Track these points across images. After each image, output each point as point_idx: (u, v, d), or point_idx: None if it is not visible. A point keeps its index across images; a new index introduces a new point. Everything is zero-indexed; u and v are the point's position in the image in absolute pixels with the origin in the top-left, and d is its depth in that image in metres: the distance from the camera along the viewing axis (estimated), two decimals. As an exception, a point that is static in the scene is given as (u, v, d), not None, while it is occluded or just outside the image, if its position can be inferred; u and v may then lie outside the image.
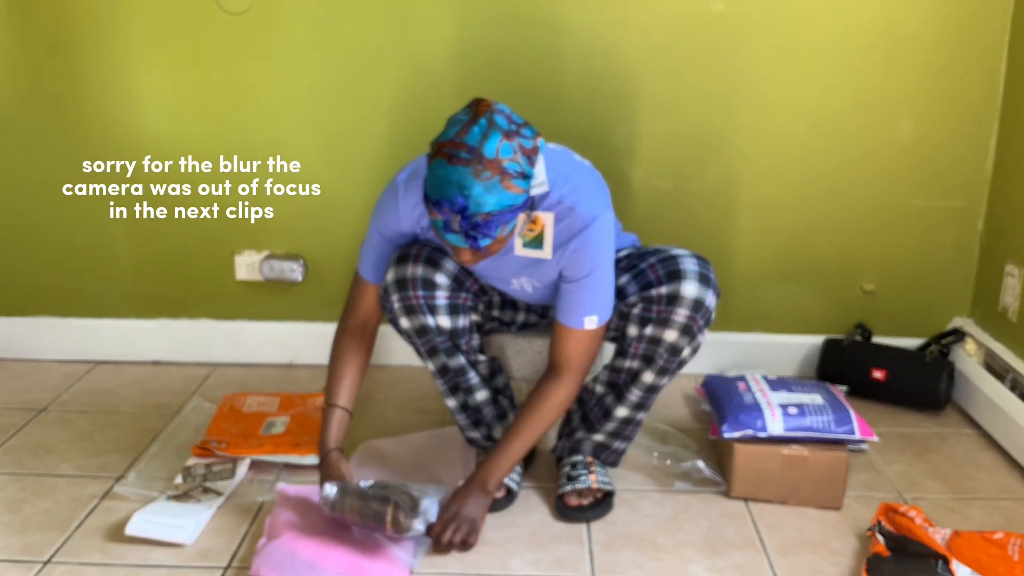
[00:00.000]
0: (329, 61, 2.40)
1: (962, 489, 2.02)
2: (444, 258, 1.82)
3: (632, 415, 1.92)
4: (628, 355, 1.87)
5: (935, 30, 2.34)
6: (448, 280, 1.81)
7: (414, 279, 1.79)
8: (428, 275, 1.79)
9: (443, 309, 1.82)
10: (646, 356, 1.84)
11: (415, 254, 1.80)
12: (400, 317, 1.83)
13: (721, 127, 2.42)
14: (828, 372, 2.50)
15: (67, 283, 2.60)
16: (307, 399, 2.30)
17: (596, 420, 1.95)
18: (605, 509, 1.89)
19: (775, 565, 1.74)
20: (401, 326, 1.84)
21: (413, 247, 1.82)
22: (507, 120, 1.54)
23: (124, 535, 1.76)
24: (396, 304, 1.81)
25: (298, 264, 2.53)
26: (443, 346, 1.86)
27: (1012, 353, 2.28)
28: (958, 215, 2.48)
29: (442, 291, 1.81)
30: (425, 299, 1.80)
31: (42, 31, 2.40)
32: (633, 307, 1.81)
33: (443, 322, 1.83)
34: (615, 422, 1.93)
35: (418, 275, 1.79)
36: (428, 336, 1.84)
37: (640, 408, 1.91)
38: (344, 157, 2.47)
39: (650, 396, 1.89)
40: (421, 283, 1.79)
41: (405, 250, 1.82)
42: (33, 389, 2.45)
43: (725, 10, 2.34)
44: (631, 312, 1.82)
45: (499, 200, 1.53)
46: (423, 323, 1.82)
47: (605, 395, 1.94)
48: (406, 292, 1.79)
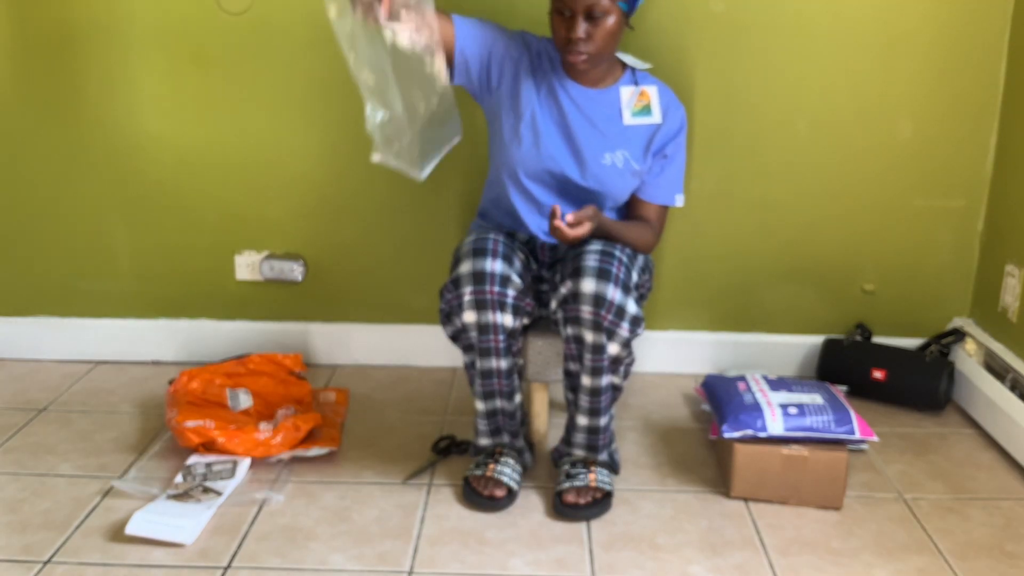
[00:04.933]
0: (329, 61, 2.40)
1: (962, 489, 2.02)
2: (515, 255, 1.85)
3: (591, 423, 1.93)
4: (568, 357, 1.90)
5: (935, 30, 2.34)
6: (519, 280, 1.83)
7: (493, 274, 1.79)
8: (506, 272, 1.81)
9: (510, 308, 1.83)
10: (578, 356, 1.87)
11: (492, 248, 1.81)
12: (467, 310, 1.82)
13: (721, 127, 2.42)
14: (828, 372, 2.50)
15: (67, 283, 2.60)
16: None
17: (569, 432, 1.97)
18: (603, 509, 1.89)
19: (775, 565, 1.74)
20: (465, 319, 1.83)
21: (487, 240, 1.83)
22: None
23: (124, 535, 1.76)
24: (468, 296, 1.80)
25: (298, 264, 2.53)
26: (501, 345, 1.86)
27: (1012, 353, 2.28)
28: (958, 215, 2.48)
29: (513, 290, 1.82)
30: (499, 296, 1.80)
31: (42, 31, 2.40)
32: (557, 309, 1.86)
33: (507, 321, 1.83)
34: (581, 432, 1.95)
35: (497, 271, 1.79)
36: (489, 335, 1.84)
37: (594, 414, 1.92)
38: (344, 157, 2.47)
39: (597, 400, 1.89)
40: (500, 279, 1.79)
41: (481, 243, 1.82)
42: (33, 389, 2.45)
43: (725, 10, 2.34)
44: (558, 315, 1.86)
45: None
46: (490, 320, 1.82)
47: (571, 403, 1.96)
48: (482, 286, 1.79)
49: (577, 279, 1.79)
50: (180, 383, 2.21)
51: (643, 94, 1.97)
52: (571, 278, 1.81)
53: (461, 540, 1.80)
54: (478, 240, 1.84)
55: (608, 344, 1.82)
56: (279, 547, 1.77)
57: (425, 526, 1.85)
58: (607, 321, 1.79)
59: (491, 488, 1.91)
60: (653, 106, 1.97)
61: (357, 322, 2.62)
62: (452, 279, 1.82)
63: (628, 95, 1.97)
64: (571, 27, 1.81)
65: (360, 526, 1.85)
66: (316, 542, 1.79)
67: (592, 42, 1.83)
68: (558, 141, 1.94)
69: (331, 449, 2.10)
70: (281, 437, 2.05)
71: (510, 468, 1.95)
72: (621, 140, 1.95)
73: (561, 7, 1.82)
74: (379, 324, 2.61)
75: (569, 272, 1.82)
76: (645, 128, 1.97)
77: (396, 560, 1.74)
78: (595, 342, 1.82)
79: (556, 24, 1.84)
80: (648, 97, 1.98)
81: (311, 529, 1.83)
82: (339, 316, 2.62)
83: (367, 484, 2.01)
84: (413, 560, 1.74)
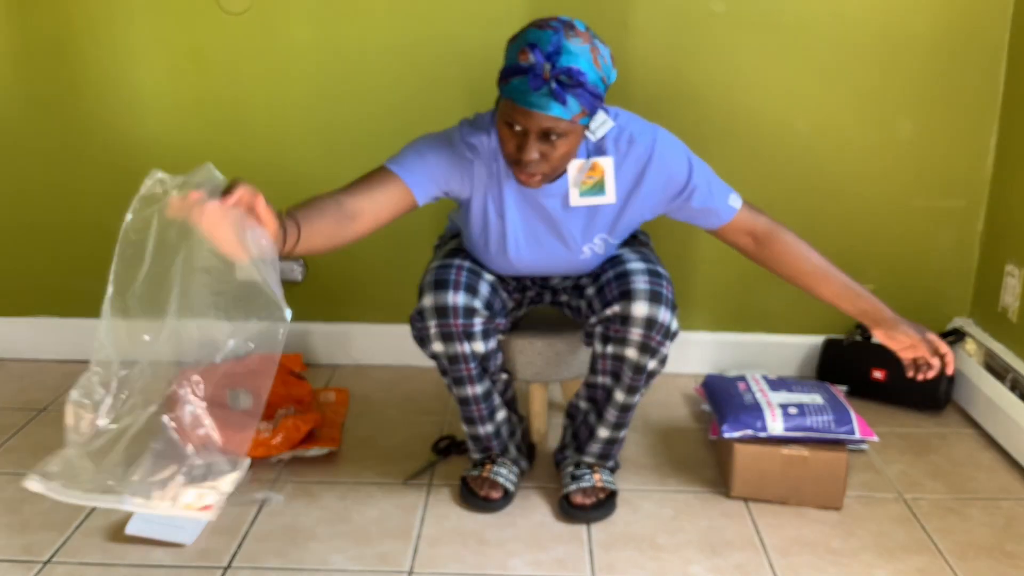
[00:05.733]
0: (329, 61, 2.40)
1: (962, 489, 2.02)
2: (480, 281, 1.80)
3: (613, 435, 1.92)
4: (599, 371, 1.87)
5: (935, 30, 2.34)
6: (484, 306, 1.79)
7: (455, 308, 1.76)
8: (469, 303, 1.76)
9: (479, 335, 1.80)
10: (614, 373, 1.84)
11: (454, 280, 1.77)
12: (435, 341, 1.80)
13: (721, 127, 2.42)
14: (828, 372, 2.50)
15: (67, 283, 2.60)
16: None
17: (584, 441, 1.96)
18: (609, 509, 1.89)
19: (775, 565, 1.74)
20: (434, 350, 1.82)
21: (451, 269, 1.78)
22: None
23: (124, 535, 1.76)
24: (433, 329, 1.78)
25: (298, 264, 2.53)
26: (473, 372, 1.84)
27: (1012, 353, 2.28)
28: (958, 215, 2.48)
29: (479, 318, 1.78)
30: (464, 327, 1.77)
31: (42, 31, 2.40)
32: (596, 326, 1.83)
33: (477, 348, 1.81)
34: (599, 443, 1.94)
35: (459, 304, 1.75)
36: (459, 364, 1.82)
37: (619, 427, 1.91)
38: (344, 157, 2.47)
39: (625, 415, 1.89)
40: (463, 312, 1.76)
41: (443, 273, 1.78)
42: (33, 389, 2.45)
43: (725, 10, 2.34)
44: (595, 331, 1.84)
45: (589, 65, 1.52)
46: (458, 351, 1.80)
47: (588, 412, 1.95)
48: (446, 319, 1.76)
49: (628, 302, 1.74)
50: None
51: (594, 167, 1.70)
52: (619, 301, 1.75)
53: (461, 540, 1.80)
54: (440, 270, 1.79)
55: (650, 362, 1.80)
56: (279, 547, 1.77)
57: (425, 526, 1.85)
58: (655, 342, 1.76)
59: (487, 489, 1.91)
60: (607, 183, 1.71)
61: (357, 322, 2.62)
62: (417, 310, 1.80)
63: (575, 170, 1.70)
64: (523, 147, 1.57)
65: (360, 526, 1.85)
66: (316, 542, 1.79)
67: (547, 162, 1.60)
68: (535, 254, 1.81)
69: (331, 449, 2.10)
70: (281, 437, 2.05)
71: (507, 469, 1.95)
72: (589, 231, 1.78)
73: (510, 121, 1.57)
74: (379, 324, 2.61)
75: (616, 295, 1.76)
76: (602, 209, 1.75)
77: (396, 560, 1.74)
78: (639, 362, 1.79)
79: (505, 137, 1.60)
80: (600, 172, 1.71)
81: (311, 529, 1.83)
82: (339, 316, 2.62)
83: (367, 484, 2.01)
84: (413, 560, 1.74)
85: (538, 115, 1.53)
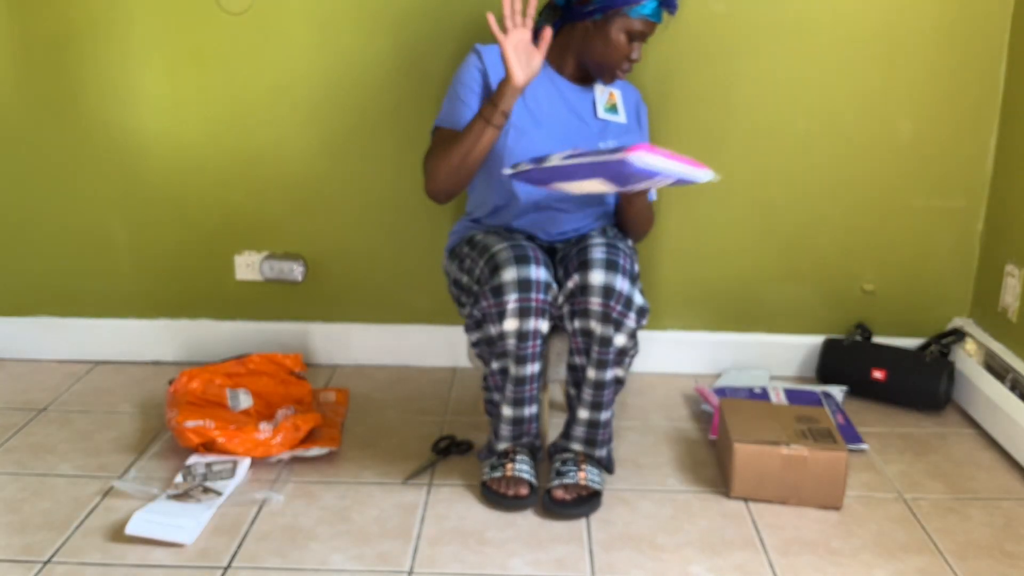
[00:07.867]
0: (329, 61, 2.40)
1: (962, 489, 2.02)
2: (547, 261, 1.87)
3: (593, 416, 1.92)
4: (573, 351, 1.90)
5: (935, 30, 2.34)
6: (554, 284, 1.85)
7: (538, 282, 1.79)
8: (548, 279, 1.81)
9: (547, 314, 1.83)
10: (585, 350, 1.87)
11: (533, 256, 1.81)
12: (510, 318, 1.80)
13: (721, 127, 2.42)
14: (828, 372, 2.50)
15: (67, 283, 2.60)
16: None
17: (568, 425, 1.96)
18: (591, 508, 1.89)
19: (775, 565, 1.74)
20: (505, 327, 1.81)
21: (525, 247, 1.83)
22: None
23: (124, 535, 1.76)
24: (512, 304, 1.78)
25: (298, 264, 2.53)
26: (537, 350, 1.85)
27: (1012, 353, 2.28)
28: (958, 215, 2.48)
29: (551, 296, 1.83)
30: (543, 303, 1.80)
31: (42, 31, 2.40)
32: (564, 304, 1.87)
33: (544, 327, 1.83)
34: (581, 426, 1.94)
35: (542, 279, 1.79)
36: (528, 341, 1.83)
37: (597, 408, 1.91)
38: (344, 157, 2.47)
39: (600, 393, 1.89)
40: (544, 287, 1.79)
41: (521, 250, 1.82)
42: (33, 389, 2.45)
43: (725, 10, 2.34)
44: (564, 310, 1.87)
45: None
46: (531, 327, 1.81)
47: (572, 397, 1.96)
48: (528, 294, 1.78)
49: (585, 271, 1.80)
50: (180, 383, 2.21)
51: (611, 95, 2.09)
52: (578, 271, 1.82)
53: (461, 540, 1.80)
54: (516, 247, 1.83)
55: (615, 336, 1.82)
56: (279, 547, 1.77)
57: (425, 526, 1.85)
58: (615, 312, 1.80)
59: (515, 488, 1.90)
60: (619, 107, 2.09)
61: (357, 322, 2.62)
62: (492, 287, 1.79)
63: (600, 92, 2.08)
64: (638, 50, 1.95)
65: (360, 526, 1.85)
66: (316, 542, 1.79)
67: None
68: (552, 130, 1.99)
69: (331, 449, 2.10)
70: (281, 437, 2.05)
71: (527, 465, 1.95)
72: (602, 134, 2.03)
73: (644, 32, 1.93)
74: (379, 324, 2.61)
75: (576, 266, 1.83)
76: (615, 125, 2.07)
77: (396, 560, 1.74)
78: (603, 334, 1.82)
79: (618, 43, 1.92)
80: (615, 98, 2.09)
81: (311, 529, 1.83)
82: (339, 316, 2.62)
83: (367, 484, 2.01)
84: (413, 560, 1.74)
85: (657, 25, 1.95)
